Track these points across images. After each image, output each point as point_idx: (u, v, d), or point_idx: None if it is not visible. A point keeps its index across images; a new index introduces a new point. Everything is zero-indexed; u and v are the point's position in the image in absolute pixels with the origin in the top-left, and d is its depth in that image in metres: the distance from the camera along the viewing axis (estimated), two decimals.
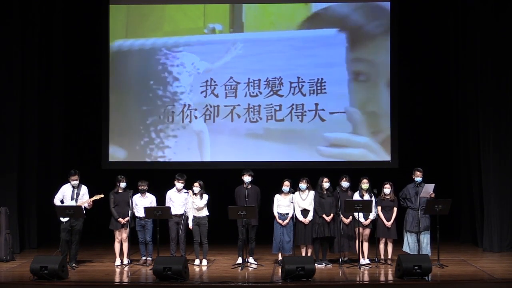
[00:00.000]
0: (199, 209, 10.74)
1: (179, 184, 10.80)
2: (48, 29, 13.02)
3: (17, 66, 12.15)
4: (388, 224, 10.66)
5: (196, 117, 13.20)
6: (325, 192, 10.68)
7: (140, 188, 10.89)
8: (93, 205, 10.80)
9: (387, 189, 10.74)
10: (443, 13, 13.28)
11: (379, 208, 10.69)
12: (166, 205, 10.77)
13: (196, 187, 10.76)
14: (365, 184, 10.69)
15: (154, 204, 10.88)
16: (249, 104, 13.18)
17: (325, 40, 13.09)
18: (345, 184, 10.73)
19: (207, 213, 10.82)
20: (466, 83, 12.65)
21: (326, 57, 13.10)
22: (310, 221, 10.61)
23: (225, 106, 13.18)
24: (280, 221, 10.67)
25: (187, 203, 10.73)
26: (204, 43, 13.20)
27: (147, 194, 10.94)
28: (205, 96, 13.21)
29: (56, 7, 13.17)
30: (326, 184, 10.69)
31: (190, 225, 10.71)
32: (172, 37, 13.23)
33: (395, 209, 10.74)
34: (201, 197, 10.76)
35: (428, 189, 10.57)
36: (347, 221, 10.63)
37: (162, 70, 13.24)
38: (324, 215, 10.56)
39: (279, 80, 13.18)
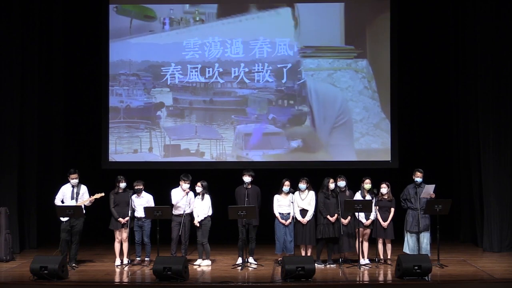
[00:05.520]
0: (200, 209, 10.74)
1: (185, 185, 10.78)
2: (48, 29, 13.02)
3: (17, 66, 12.14)
4: (384, 224, 10.65)
5: (196, 117, 13.21)
6: (330, 193, 10.68)
7: (135, 188, 10.86)
8: (93, 205, 10.81)
9: (384, 189, 10.74)
10: (443, 13, 13.27)
11: (377, 208, 10.68)
12: (173, 201, 10.74)
13: (198, 187, 10.77)
14: (367, 184, 10.69)
15: (151, 203, 10.86)
16: None
17: None
18: (341, 183, 10.72)
19: (209, 213, 10.80)
20: (466, 83, 12.65)
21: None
22: (308, 221, 10.60)
23: (226, 105, 13.18)
24: (283, 221, 10.67)
25: (190, 203, 10.75)
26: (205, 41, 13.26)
27: (144, 193, 10.92)
28: (206, 96, 13.22)
29: (56, 7, 13.17)
30: (332, 185, 10.68)
31: (196, 221, 10.72)
32: (173, 36, 13.26)
33: (392, 209, 10.74)
34: (203, 197, 10.76)
35: (429, 190, 10.57)
36: (345, 221, 10.62)
37: (162, 70, 13.27)
38: (328, 216, 10.57)
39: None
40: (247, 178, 10.86)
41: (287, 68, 13.16)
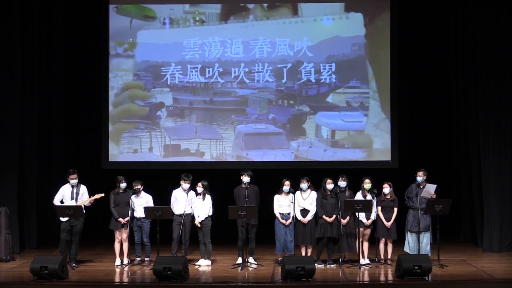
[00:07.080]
0: (201, 209, 10.73)
1: (185, 185, 10.78)
2: (48, 28, 13.02)
3: (17, 66, 12.14)
4: (388, 224, 10.65)
5: (196, 117, 13.22)
6: (328, 193, 10.67)
7: (134, 188, 10.85)
8: (93, 205, 10.81)
9: (386, 189, 10.74)
10: (444, 13, 13.27)
11: (379, 208, 10.69)
12: (171, 203, 10.75)
13: (199, 187, 10.76)
14: (367, 184, 10.68)
15: (150, 203, 10.86)
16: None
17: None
18: (342, 183, 10.72)
19: (209, 214, 10.79)
20: (466, 83, 12.65)
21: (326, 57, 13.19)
22: (309, 221, 10.60)
23: (226, 105, 13.18)
24: (283, 221, 10.67)
25: (191, 203, 10.75)
26: (205, 41, 13.26)
27: (143, 193, 10.91)
28: (206, 96, 13.23)
29: (56, 7, 13.17)
30: (330, 186, 10.66)
31: (197, 221, 10.73)
32: (173, 36, 13.26)
33: (395, 209, 10.74)
34: (204, 197, 10.75)
35: (430, 190, 10.56)
36: (344, 221, 10.61)
37: (162, 70, 13.26)
38: (324, 216, 10.56)
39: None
40: (246, 179, 10.86)
41: (287, 68, 13.17)
